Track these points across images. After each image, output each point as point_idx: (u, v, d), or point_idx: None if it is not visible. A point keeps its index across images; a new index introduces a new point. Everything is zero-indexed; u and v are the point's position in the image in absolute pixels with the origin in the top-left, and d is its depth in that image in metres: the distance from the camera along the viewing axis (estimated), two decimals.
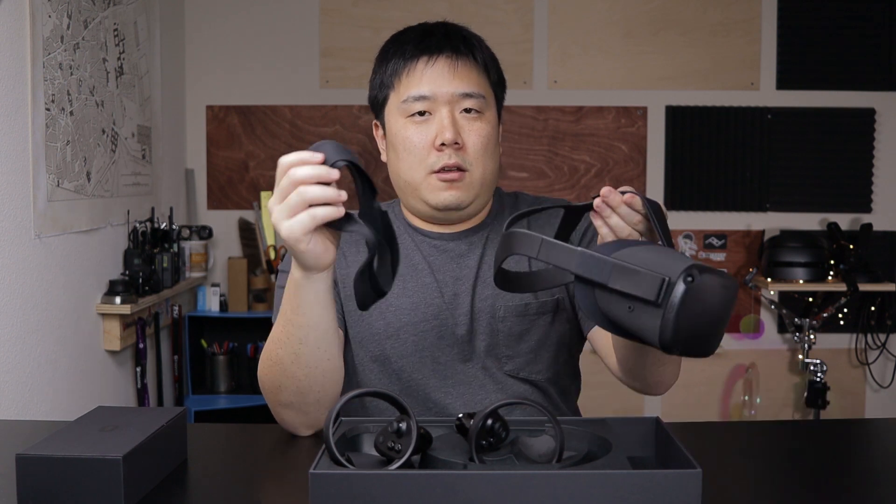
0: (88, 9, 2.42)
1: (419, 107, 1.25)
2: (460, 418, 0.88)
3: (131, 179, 2.77)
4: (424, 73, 1.26)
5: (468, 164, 1.25)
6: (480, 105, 1.27)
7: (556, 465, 0.82)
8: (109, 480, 0.84)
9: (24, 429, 1.25)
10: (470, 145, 1.25)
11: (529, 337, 1.29)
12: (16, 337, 2.03)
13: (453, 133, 1.23)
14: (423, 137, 1.25)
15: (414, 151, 1.25)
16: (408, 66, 1.27)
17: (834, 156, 3.42)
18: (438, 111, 1.25)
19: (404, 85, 1.27)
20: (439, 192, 1.25)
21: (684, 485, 0.78)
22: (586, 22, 3.42)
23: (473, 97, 1.26)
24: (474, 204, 1.29)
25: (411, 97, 1.26)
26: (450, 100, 1.25)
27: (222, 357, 3.24)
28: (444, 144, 1.23)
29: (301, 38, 3.42)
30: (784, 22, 3.40)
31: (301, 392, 1.11)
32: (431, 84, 1.25)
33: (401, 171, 1.28)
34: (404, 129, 1.26)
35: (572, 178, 3.46)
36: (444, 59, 1.26)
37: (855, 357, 3.48)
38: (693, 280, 0.77)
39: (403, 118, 1.27)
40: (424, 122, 1.25)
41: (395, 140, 1.28)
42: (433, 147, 1.24)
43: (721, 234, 3.47)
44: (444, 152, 1.24)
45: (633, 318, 0.81)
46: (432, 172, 1.25)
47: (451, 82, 1.25)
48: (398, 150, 1.28)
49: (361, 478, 0.79)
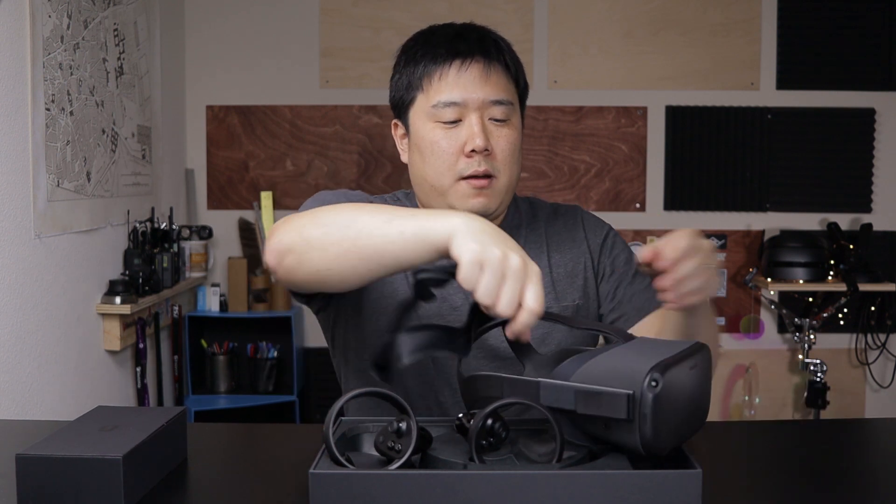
0: (88, 9, 2.42)
1: (450, 113, 1.23)
2: (460, 418, 0.88)
3: (131, 179, 2.77)
4: (458, 78, 1.23)
5: (496, 170, 1.23)
6: (508, 112, 1.25)
7: (557, 465, 0.82)
8: (109, 480, 0.84)
9: (24, 429, 1.25)
10: (499, 152, 1.24)
11: (549, 342, 1.28)
12: (16, 337, 2.03)
13: (484, 140, 1.21)
14: (453, 143, 1.23)
15: (442, 157, 1.23)
16: (440, 69, 1.24)
17: (834, 156, 3.43)
18: (468, 117, 1.23)
19: (435, 89, 1.24)
20: (468, 198, 1.23)
21: (684, 485, 0.78)
22: (586, 22, 3.42)
23: (503, 104, 1.24)
24: (499, 209, 1.28)
25: (442, 102, 1.23)
26: (480, 106, 1.23)
27: (222, 357, 3.24)
28: (475, 151, 1.21)
29: (301, 38, 3.42)
30: (784, 22, 3.40)
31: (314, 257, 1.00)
32: (463, 91, 1.23)
33: (427, 176, 1.26)
34: (432, 134, 1.24)
35: (572, 178, 3.46)
36: (476, 65, 1.24)
37: (855, 357, 3.48)
38: (658, 385, 0.77)
39: (432, 122, 1.24)
40: (454, 127, 1.23)
41: (421, 143, 1.26)
42: (462, 153, 1.22)
43: (721, 234, 3.47)
44: (473, 159, 1.22)
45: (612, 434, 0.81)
46: (461, 179, 1.23)
47: (483, 89, 1.23)
48: (424, 154, 1.25)
49: (361, 477, 0.79)
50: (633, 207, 3.46)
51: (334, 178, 3.45)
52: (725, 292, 3.48)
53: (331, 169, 3.45)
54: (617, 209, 3.44)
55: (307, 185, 3.45)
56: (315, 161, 3.45)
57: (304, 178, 3.45)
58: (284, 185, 3.45)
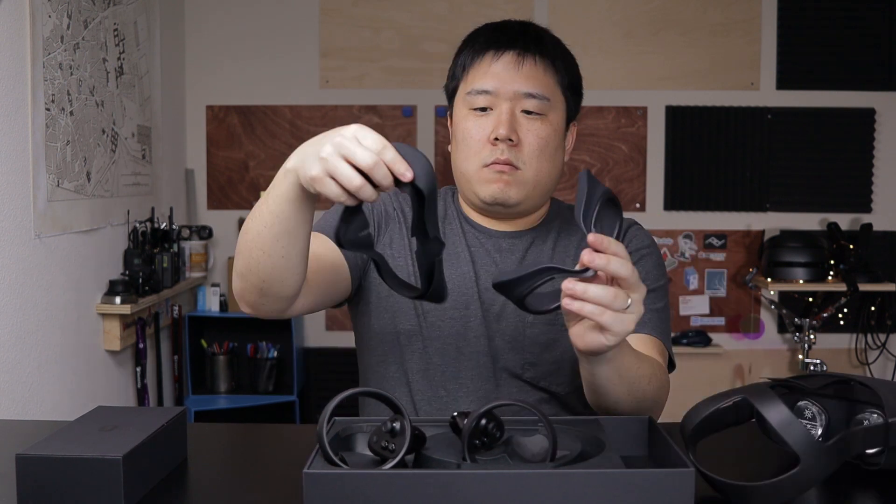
0: (88, 9, 2.43)
1: (481, 101, 1.26)
2: (454, 417, 0.88)
3: (131, 179, 2.78)
4: (490, 67, 1.26)
5: (521, 162, 1.25)
6: (543, 107, 1.26)
7: (550, 464, 0.82)
8: (109, 480, 0.85)
9: (24, 429, 1.25)
10: (526, 144, 1.25)
11: (555, 348, 1.27)
12: (16, 337, 2.04)
13: (507, 129, 1.23)
14: (481, 131, 1.25)
15: (471, 143, 1.26)
16: (475, 59, 1.28)
17: (834, 156, 3.43)
18: (499, 106, 1.25)
19: (471, 77, 1.28)
20: (489, 184, 1.25)
21: (677, 484, 0.78)
22: (586, 22, 3.42)
23: (536, 98, 1.25)
24: (525, 204, 1.29)
25: (475, 90, 1.26)
26: (512, 97, 1.25)
27: (222, 357, 3.24)
28: (498, 139, 1.23)
29: (301, 38, 3.42)
30: (784, 22, 3.41)
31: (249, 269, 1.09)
32: (495, 79, 1.25)
33: (458, 162, 1.29)
34: (465, 121, 1.27)
35: (572, 178, 3.47)
36: (510, 56, 1.26)
37: (855, 357, 3.48)
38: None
39: (467, 110, 1.28)
40: (485, 115, 1.26)
41: (457, 130, 1.30)
42: (488, 141, 1.25)
43: (721, 234, 3.47)
44: (497, 147, 1.24)
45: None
46: (484, 166, 1.25)
47: (514, 79, 1.25)
48: (458, 141, 1.29)
49: (355, 477, 0.79)
50: (633, 207, 3.46)
51: None
52: (725, 292, 3.49)
53: None
54: None
55: None
56: None
57: None
58: None
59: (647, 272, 1.31)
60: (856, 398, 0.99)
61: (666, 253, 3.47)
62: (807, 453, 0.83)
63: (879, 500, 0.92)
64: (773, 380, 1.02)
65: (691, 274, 3.48)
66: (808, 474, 0.84)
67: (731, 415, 1.01)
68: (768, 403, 0.86)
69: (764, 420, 0.88)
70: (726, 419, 1.01)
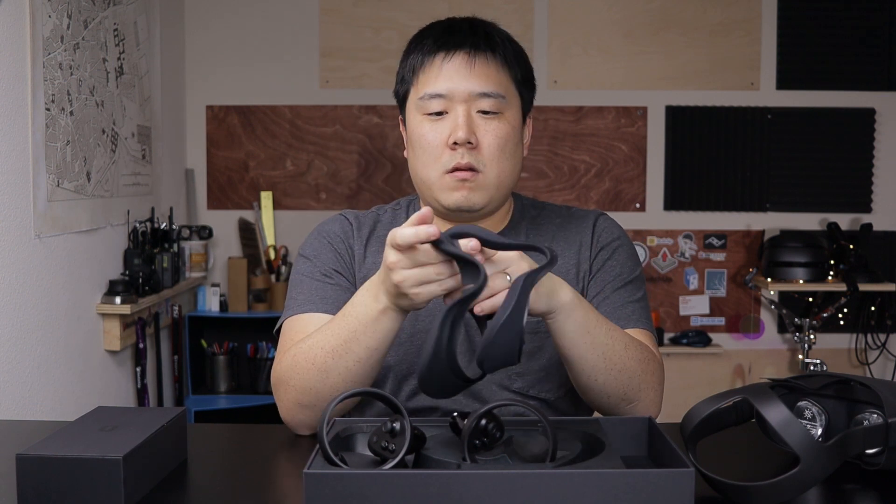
0: (88, 9, 2.43)
1: (435, 105, 1.22)
2: (454, 417, 0.88)
3: (131, 179, 2.78)
4: (441, 70, 1.23)
5: (482, 164, 1.22)
6: (499, 105, 1.23)
7: (550, 464, 0.82)
8: (109, 480, 0.85)
9: (24, 429, 1.25)
10: (485, 146, 1.22)
11: (541, 355, 1.26)
12: (16, 337, 2.04)
13: (466, 132, 1.20)
14: (438, 136, 1.22)
15: (429, 150, 1.23)
16: (425, 62, 1.24)
17: (834, 156, 3.43)
18: (454, 109, 1.22)
19: (422, 82, 1.24)
20: (451, 192, 1.22)
21: (677, 484, 0.78)
22: (586, 22, 3.42)
23: (491, 97, 1.22)
24: (489, 206, 1.26)
25: (427, 95, 1.23)
26: (466, 98, 1.22)
27: (222, 357, 3.24)
28: (457, 144, 1.21)
29: (301, 38, 3.42)
30: (784, 22, 3.41)
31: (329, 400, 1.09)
32: (448, 82, 1.22)
33: (417, 169, 1.26)
34: (420, 127, 1.24)
35: (572, 178, 3.47)
36: (461, 56, 1.23)
37: (855, 357, 3.48)
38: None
39: (420, 115, 1.24)
40: (440, 120, 1.23)
41: (412, 137, 1.26)
42: (447, 146, 1.22)
43: (721, 234, 3.47)
44: (457, 151, 1.21)
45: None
46: (446, 172, 1.22)
47: (468, 80, 1.22)
48: (415, 148, 1.26)
49: (355, 477, 0.79)
50: (633, 207, 3.46)
51: (334, 177, 3.45)
52: (725, 292, 3.49)
53: (331, 169, 3.45)
54: (617, 209, 3.45)
55: (307, 185, 3.45)
56: (315, 161, 3.45)
57: (304, 178, 3.46)
58: (284, 185, 3.45)
59: (622, 264, 1.29)
60: (856, 398, 0.99)
61: (666, 253, 3.47)
62: (807, 453, 0.83)
63: (879, 500, 0.92)
64: (773, 380, 1.02)
65: (691, 274, 3.48)
66: (808, 474, 0.84)
67: (731, 415, 1.01)
68: (768, 403, 0.86)
69: (764, 420, 0.88)
70: (726, 419, 1.01)
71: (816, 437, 1.01)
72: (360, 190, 3.45)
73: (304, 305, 1.24)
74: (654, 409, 1.19)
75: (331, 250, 1.29)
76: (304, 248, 1.31)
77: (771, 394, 0.87)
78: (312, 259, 1.29)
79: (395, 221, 1.33)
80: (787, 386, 1.04)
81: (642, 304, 1.28)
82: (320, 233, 1.32)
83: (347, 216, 1.34)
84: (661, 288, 3.48)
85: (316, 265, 1.28)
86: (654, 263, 3.47)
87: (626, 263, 1.30)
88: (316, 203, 3.45)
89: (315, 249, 1.30)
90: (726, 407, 0.99)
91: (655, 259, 3.47)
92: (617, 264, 1.29)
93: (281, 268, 3.35)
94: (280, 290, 3.30)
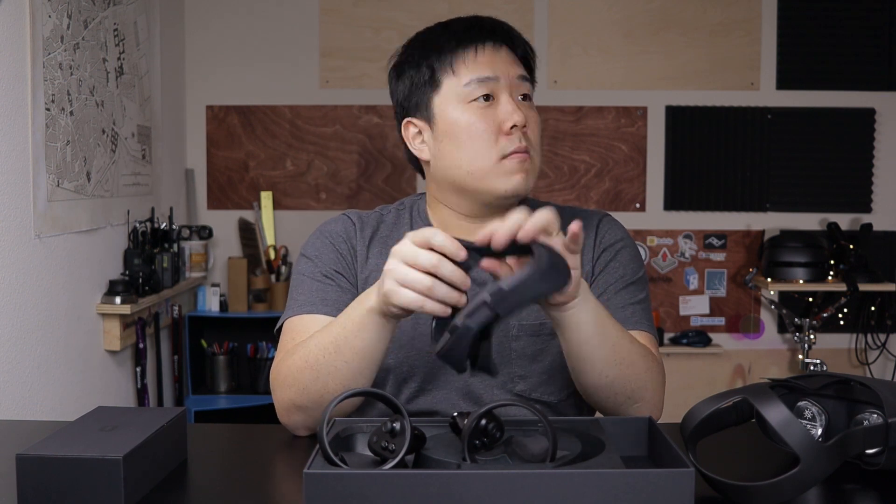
0: (88, 9, 2.43)
1: (484, 89, 1.22)
2: (454, 417, 0.88)
3: (131, 179, 2.78)
4: (482, 56, 1.24)
5: (532, 149, 1.24)
6: (532, 91, 1.28)
7: (550, 464, 0.82)
8: (109, 480, 0.85)
9: (24, 429, 1.25)
10: (530, 131, 1.24)
11: (543, 358, 1.26)
12: (16, 337, 2.04)
13: (522, 116, 1.21)
14: (490, 122, 1.22)
15: (482, 137, 1.21)
16: (468, 50, 1.24)
17: (834, 156, 3.43)
18: (500, 94, 1.23)
19: (462, 70, 1.23)
20: (512, 175, 1.22)
21: (677, 484, 0.78)
22: (586, 22, 3.42)
23: (529, 81, 1.27)
24: (529, 191, 1.29)
25: (475, 79, 1.22)
26: (511, 83, 1.23)
27: (222, 357, 3.24)
28: (515, 126, 1.21)
29: (301, 38, 3.42)
30: (784, 22, 3.41)
31: (323, 402, 1.10)
32: (491, 66, 1.23)
33: (462, 162, 1.23)
34: (466, 116, 1.22)
35: (572, 178, 3.47)
36: (491, 46, 1.25)
37: (855, 357, 3.48)
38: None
39: (464, 104, 1.23)
40: (488, 106, 1.22)
41: (454, 129, 1.23)
42: (501, 132, 1.21)
43: (721, 234, 3.47)
44: (514, 135, 1.21)
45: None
46: (503, 158, 1.21)
47: (513, 65, 1.25)
48: (460, 139, 1.23)
49: (355, 477, 0.79)
50: (633, 207, 3.46)
51: (334, 177, 3.45)
52: (725, 292, 3.49)
53: (331, 169, 3.45)
54: (617, 209, 3.45)
55: (307, 185, 3.45)
56: (315, 161, 3.45)
57: (304, 178, 3.46)
58: (284, 185, 3.45)
59: (625, 266, 1.29)
60: (856, 398, 0.99)
61: (666, 253, 3.47)
62: (807, 453, 0.83)
63: (879, 500, 0.92)
64: (773, 380, 1.02)
65: (691, 274, 3.48)
66: (808, 474, 0.84)
67: (731, 415, 1.01)
68: (768, 403, 0.86)
69: (764, 420, 0.88)
70: (726, 419, 1.01)
71: (816, 437, 1.01)
72: (360, 190, 3.45)
73: (304, 306, 1.24)
74: (657, 412, 1.19)
75: (332, 251, 1.29)
76: (306, 248, 1.31)
77: (771, 394, 0.87)
78: (314, 259, 1.29)
79: (399, 222, 1.33)
80: (787, 386, 1.04)
81: (644, 305, 1.28)
82: (322, 233, 1.32)
83: (351, 216, 1.33)
84: (661, 288, 3.48)
85: (317, 265, 1.28)
86: (654, 263, 3.47)
87: (628, 265, 1.30)
88: (316, 203, 3.45)
89: (317, 249, 1.30)
90: (726, 407, 0.99)
91: (655, 259, 3.47)
92: (620, 266, 1.29)
93: (281, 268, 3.35)
94: (280, 290, 3.30)
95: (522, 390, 1.26)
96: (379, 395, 0.89)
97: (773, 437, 1.01)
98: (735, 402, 0.99)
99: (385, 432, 0.84)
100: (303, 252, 1.31)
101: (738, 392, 0.93)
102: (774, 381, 1.02)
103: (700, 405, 0.95)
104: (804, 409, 1.03)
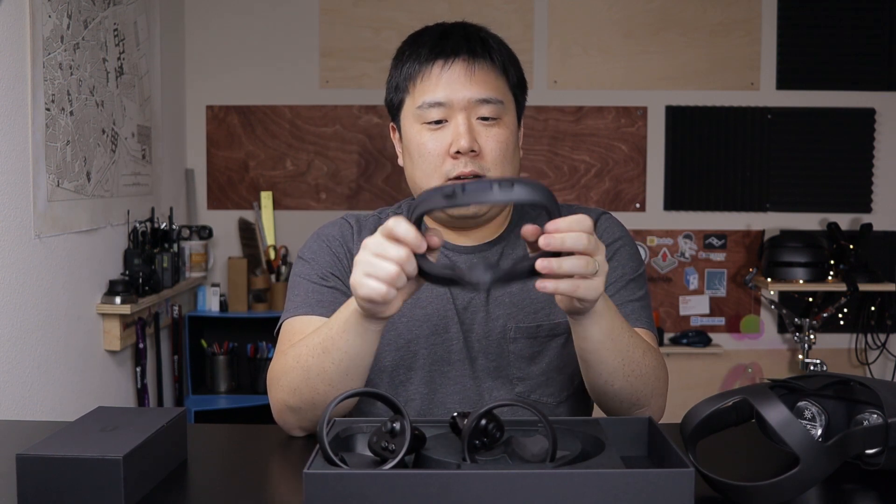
0: (88, 9, 2.43)
1: (435, 114, 1.21)
2: (454, 418, 0.89)
3: (131, 179, 2.78)
4: (441, 78, 1.21)
5: (485, 171, 1.21)
6: (498, 111, 1.22)
7: (550, 464, 0.82)
8: (109, 480, 0.85)
9: (24, 429, 1.25)
10: (487, 152, 1.21)
11: (541, 359, 1.26)
12: (16, 337, 2.04)
13: (469, 141, 1.19)
14: (439, 145, 1.21)
15: (429, 158, 1.22)
16: (423, 70, 1.23)
17: (834, 156, 3.43)
18: (455, 118, 1.21)
19: (419, 90, 1.23)
20: None
21: (677, 484, 0.78)
22: (586, 22, 3.42)
23: (491, 103, 1.21)
24: (490, 213, 1.26)
25: (426, 103, 1.21)
26: (466, 106, 1.21)
27: (222, 357, 3.24)
28: (460, 152, 1.20)
29: (301, 38, 3.42)
30: (784, 22, 3.41)
31: (313, 403, 1.11)
32: (447, 90, 1.21)
33: (416, 178, 1.25)
34: (419, 136, 1.23)
35: (572, 178, 3.47)
36: (460, 64, 1.22)
37: (855, 357, 3.48)
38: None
39: (419, 124, 1.23)
40: (440, 128, 1.22)
41: (410, 146, 1.25)
42: (448, 155, 1.21)
43: (721, 234, 3.47)
44: (459, 160, 1.20)
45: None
46: (448, 180, 1.20)
47: (468, 87, 1.21)
48: (413, 157, 1.24)
49: (355, 477, 0.79)
50: (633, 207, 3.46)
51: (334, 177, 3.45)
52: (725, 292, 3.49)
53: (331, 169, 3.45)
54: (617, 209, 3.45)
55: (307, 185, 3.45)
56: (315, 161, 3.45)
57: (304, 178, 3.46)
58: (284, 185, 3.45)
59: (624, 264, 1.29)
60: (856, 398, 0.99)
61: (666, 253, 3.47)
62: (807, 453, 0.83)
63: (879, 500, 0.92)
64: (772, 380, 1.02)
65: (691, 274, 3.48)
66: (808, 474, 0.84)
67: (731, 415, 1.01)
68: (768, 404, 0.86)
69: (764, 420, 0.88)
70: (726, 419, 1.01)
71: (816, 437, 1.01)
72: (360, 190, 3.45)
73: (300, 308, 1.25)
74: (658, 415, 1.20)
75: (329, 253, 1.29)
76: (303, 251, 1.32)
77: (771, 394, 0.87)
78: (310, 262, 1.30)
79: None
80: (787, 386, 1.04)
81: (643, 302, 1.28)
82: (319, 236, 1.33)
83: (349, 219, 1.35)
84: (661, 288, 3.48)
85: (314, 268, 1.29)
86: (654, 263, 3.47)
87: (628, 263, 1.30)
88: (316, 203, 3.45)
89: (313, 252, 1.30)
90: (726, 407, 0.99)
91: (655, 259, 3.47)
92: (619, 265, 1.29)
93: (281, 268, 3.35)
94: (280, 290, 3.30)
95: (521, 392, 1.27)
96: (379, 396, 0.89)
97: (773, 438, 1.01)
98: (735, 402, 0.99)
99: (385, 432, 0.84)
100: (300, 255, 1.33)
101: (738, 392, 0.93)
102: (774, 382, 1.02)
103: (700, 405, 0.95)
104: (804, 409, 1.03)
